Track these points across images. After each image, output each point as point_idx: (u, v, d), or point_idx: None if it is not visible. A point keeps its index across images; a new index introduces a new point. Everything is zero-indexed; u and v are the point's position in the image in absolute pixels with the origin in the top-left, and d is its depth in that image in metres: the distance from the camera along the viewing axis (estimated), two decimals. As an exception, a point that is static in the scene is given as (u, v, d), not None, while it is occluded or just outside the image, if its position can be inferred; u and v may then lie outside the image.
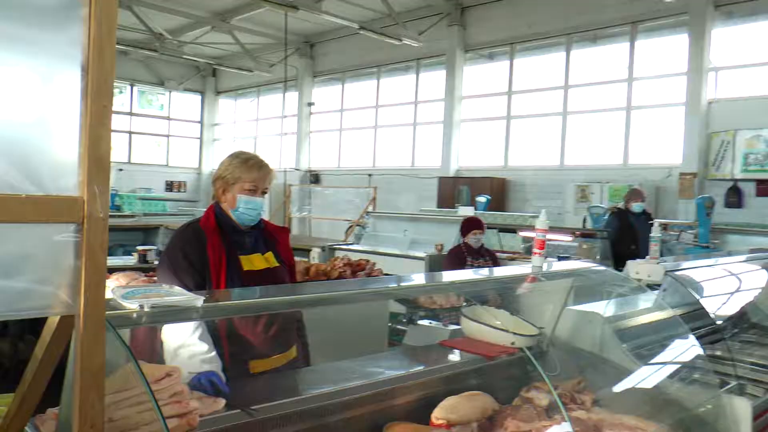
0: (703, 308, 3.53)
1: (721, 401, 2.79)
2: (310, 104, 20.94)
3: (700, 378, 2.95)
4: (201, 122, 25.48)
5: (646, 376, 3.09)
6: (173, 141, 24.84)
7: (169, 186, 24.02)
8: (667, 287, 3.73)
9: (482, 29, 16.36)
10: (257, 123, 23.58)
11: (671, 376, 3.03)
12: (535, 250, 2.95)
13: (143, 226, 11.65)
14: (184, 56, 20.93)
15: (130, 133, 23.34)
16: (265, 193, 2.90)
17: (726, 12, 12.62)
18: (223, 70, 22.89)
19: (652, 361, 3.16)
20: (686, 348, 3.09)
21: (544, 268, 3.03)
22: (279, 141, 21.83)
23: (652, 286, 3.59)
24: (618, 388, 3.09)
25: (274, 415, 2.28)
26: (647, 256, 3.62)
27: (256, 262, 2.88)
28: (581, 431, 2.65)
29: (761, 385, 3.34)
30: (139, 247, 7.40)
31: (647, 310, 3.53)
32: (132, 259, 7.18)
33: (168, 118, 24.61)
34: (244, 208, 2.83)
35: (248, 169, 2.84)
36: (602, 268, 3.60)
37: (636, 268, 3.47)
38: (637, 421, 2.72)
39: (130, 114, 23.35)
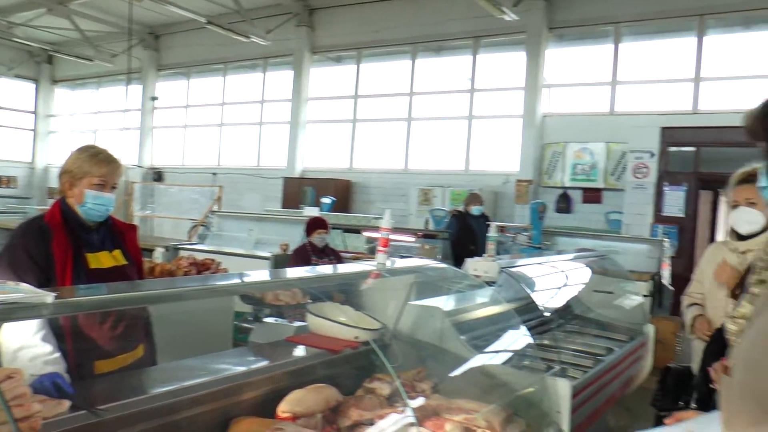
0: (533, 302, 3.83)
1: (546, 383, 3.05)
2: (153, 98, 20.16)
3: (529, 364, 3.20)
4: (35, 113, 23.70)
5: (482, 364, 3.31)
6: (2, 132, 22.87)
7: (-3, 181, 22.26)
8: (503, 283, 4.00)
9: (330, 32, 16.51)
10: (97, 116, 22.32)
11: (504, 362, 3.25)
12: (380, 248, 3.06)
13: (-35, 226, 10.87)
14: (15, 39, 19.28)
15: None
16: (115, 188, 2.83)
17: (558, 34, 13.53)
18: (61, 58, 21.42)
19: (488, 350, 3.38)
20: (518, 338, 3.34)
21: (388, 265, 3.15)
22: (121, 136, 20.89)
23: (491, 283, 3.84)
24: (456, 375, 3.28)
25: (120, 414, 2.24)
26: (484, 254, 3.86)
27: (103, 259, 2.81)
28: (421, 416, 2.81)
29: (580, 368, 3.69)
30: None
31: (484, 304, 3.77)
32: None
33: (-5, 107, 22.77)
34: (92, 203, 2.75)
35: (97, 163, 2.77)
36: (443, 265, 3.78)
37: (474, 265, 3.69)
38: (471, 404, 2.91)
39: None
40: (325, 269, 3.53)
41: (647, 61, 12.58)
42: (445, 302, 3.60)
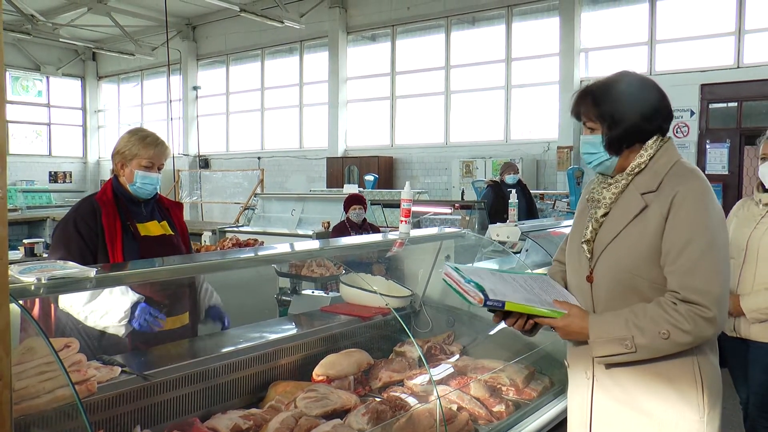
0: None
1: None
2: (195, 88, 20.57)
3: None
4: (83, 109, 24.31)
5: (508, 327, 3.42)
6: (55, 129, 23.55)
7: (54, 177, 22.74)
8: (529, 248, 4.11)
9: (363, 11, 16.56)
10: (142, 108, 22.86)
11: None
12: (402, 218, 3.20)
13: (27, 220, 11.31)
14: (61, 39, 19.86)
15: (6, 122, 21.93)
16: (161, 168, 3.07)
17: (593, -3, 13.39)
18: (104, 54, 22.00)
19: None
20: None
21: (411, 234, 3.29)
22: (166, 126, 21.28)
23: (518, 253, 3.95)
24: (483, 337, 3.42)
25: (168, 378, 2.47)
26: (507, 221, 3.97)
27: (152, 228, 3.06)
28: (448, 376, 2.97)
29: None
30: (26, 241, 7.21)
31: (511, 270, 3.86)
32: (18, 254, 6.98)
33: (48, 105, 23.31)
34: (140, 183, 2.99)
35: (145, 146, 3.00)
36: (465, 232, 3.90)
37: (496, 231, 3.80)
38: (496, 363, 3.06)
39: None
40: (352, 241, 3.68)
41: (685, 18, 12.30)
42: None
